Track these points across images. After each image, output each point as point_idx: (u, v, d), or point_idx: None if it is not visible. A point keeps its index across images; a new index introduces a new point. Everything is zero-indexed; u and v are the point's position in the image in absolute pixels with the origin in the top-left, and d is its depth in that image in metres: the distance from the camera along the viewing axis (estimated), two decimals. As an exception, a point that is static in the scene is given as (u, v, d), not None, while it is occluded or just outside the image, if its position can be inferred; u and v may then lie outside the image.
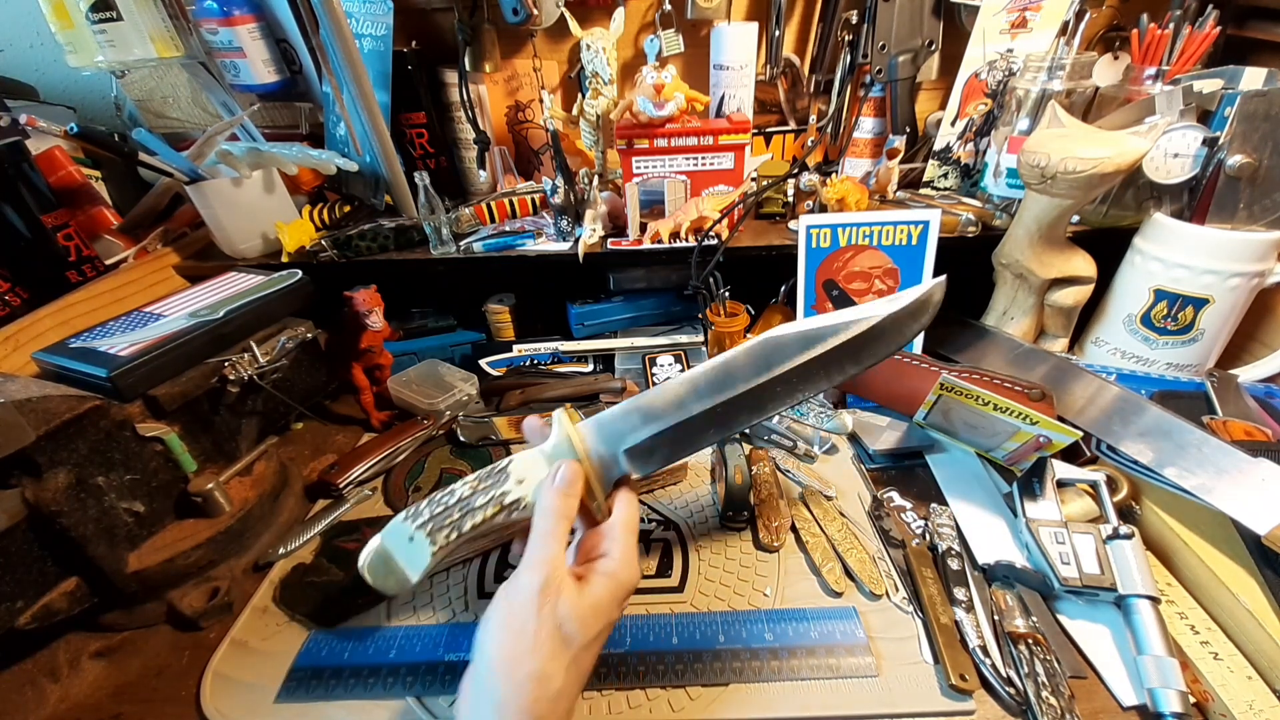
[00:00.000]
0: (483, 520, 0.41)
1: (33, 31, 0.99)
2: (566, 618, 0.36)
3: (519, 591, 0.37)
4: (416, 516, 0.42)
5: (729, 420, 0.42)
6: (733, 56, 0.85)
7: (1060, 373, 0.69)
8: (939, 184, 0.90)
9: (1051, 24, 0.80)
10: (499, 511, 0.41)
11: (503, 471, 0.42)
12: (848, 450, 0.71)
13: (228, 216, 0.79)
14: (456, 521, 0.41)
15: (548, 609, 0.36)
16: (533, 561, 0.37)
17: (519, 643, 0.35)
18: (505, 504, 0.41)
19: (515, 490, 0.42)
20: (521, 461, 0.43)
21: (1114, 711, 0.45)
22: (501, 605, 0.37)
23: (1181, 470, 0.54)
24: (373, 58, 0.81)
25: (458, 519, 0.41)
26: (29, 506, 0.48)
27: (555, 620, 0.36)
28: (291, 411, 0.74)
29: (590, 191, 0.81)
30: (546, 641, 0.35)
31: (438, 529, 0.41)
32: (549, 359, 0.87)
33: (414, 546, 0.41)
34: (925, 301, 0.42)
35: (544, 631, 0.35)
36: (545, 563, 0.37)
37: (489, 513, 0.41)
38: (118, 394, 0.53)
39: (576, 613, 0.36)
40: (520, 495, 0.41)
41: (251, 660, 0.51)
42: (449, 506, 0.42)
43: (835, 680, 0.47)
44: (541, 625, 0.35)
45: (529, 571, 0.37)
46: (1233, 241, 0.65)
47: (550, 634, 0.35)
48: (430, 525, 0.41)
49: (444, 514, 0.41)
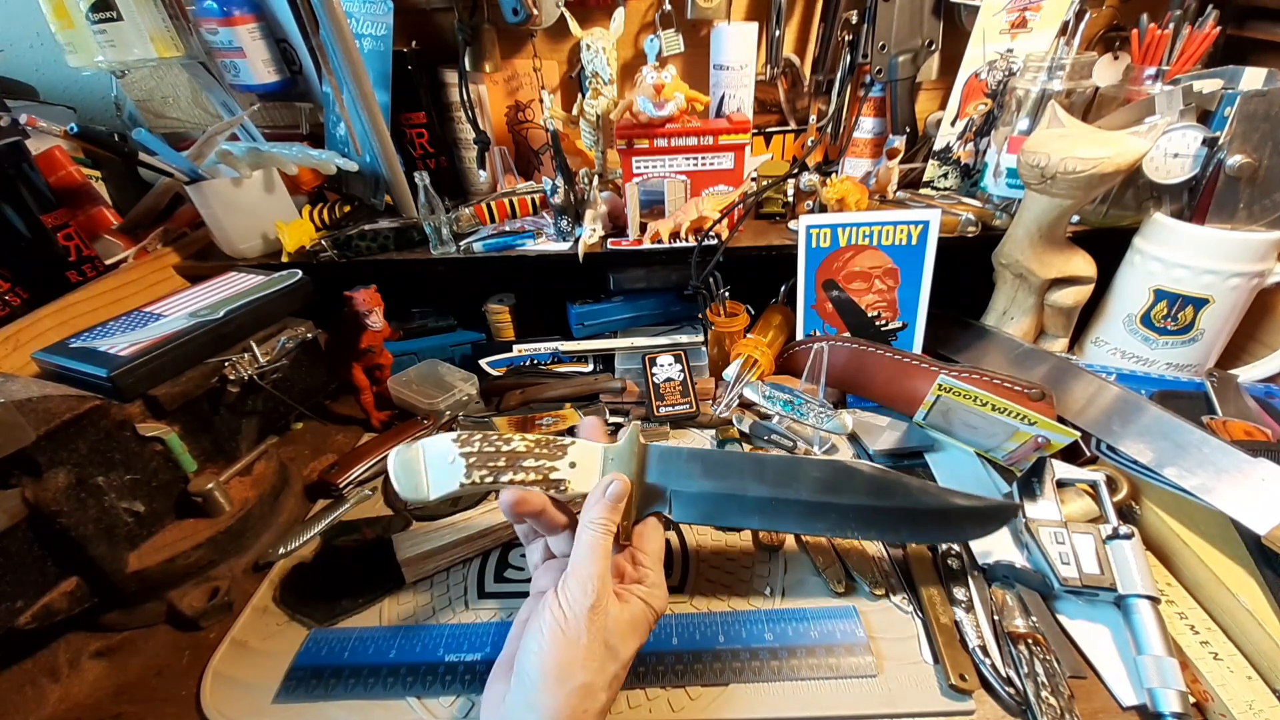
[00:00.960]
0: (520, 481, 0.42)
1: (33, 31, 0.99)
2: (613, 632, 0.36)
3: (572, 604, 0.36)
4: (467, 444, 0.42)
5: (776, 517, 0.44)
6: (733, 56, 0.85)
7: (1060, 373, 0.69)
8: (939, 184, 0.90)
9: (1051, 24, 0.80)
10: (540, 482, 0.42)
11: (562, 448, 0.43)
12: (848, 450, 0.71)
13: (228, 216, 0.79)
14: (498, 469, 0.42)
15: (599, 623, 0.36)
16: (584, 575, 0.37)
17: (572, 654, 0.35)
18: (550, 479, 0.42)
19: (565, 471, 0.42)
20: (582, 448, 0.43)
21: (1113, 711, 0.45)
22: (554, 615, 0.37)
23: (1181, 470, 0.54)
24: (373, 58, 0.81)
25: (500, 467, 0.42)
26: (29, 506, 0.48)
27: (604, 635, 0.36)
28: (291, 411, 0.74)
29: (590, 191, 0.81)
30: (597, 655, 0.35)
31: (478, 466, 0.41)
32: (549, 359, 0.87)
33: (449, 468, 0.42)
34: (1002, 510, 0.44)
35: (596, 645, 0.35)
36: (597, 577, 0.37)
37: (530, 478, 0.42)
38: (118, 394, 0.53)
39: (620, 628, 0.37)
40: (566, 477, 0.42)
41: (251, 660, 0.51)
42: (499, 451, 0.42)
43: (835, 680, 0.47)
44: (594, 639, 0.35)
45: (579, 585, 0.37)
46: (1233, 241, 0.65)
47: (600, 648, 0.35)
48: (473, 459, 0.42)
49: (491, 456, 0.42)
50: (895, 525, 0.44)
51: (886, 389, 0.73)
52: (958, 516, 0.44)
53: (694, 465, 0.44)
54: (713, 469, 0.44)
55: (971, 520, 0.44)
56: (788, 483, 0.44)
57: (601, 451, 0.44)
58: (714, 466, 0.44)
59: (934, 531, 0.44)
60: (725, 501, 0.44)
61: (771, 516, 0.44)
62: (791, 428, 0.72)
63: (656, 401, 0.77)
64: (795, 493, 0.44)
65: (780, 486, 0.44)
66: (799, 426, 0.72)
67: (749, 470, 0.44)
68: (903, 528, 0.44)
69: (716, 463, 0.44)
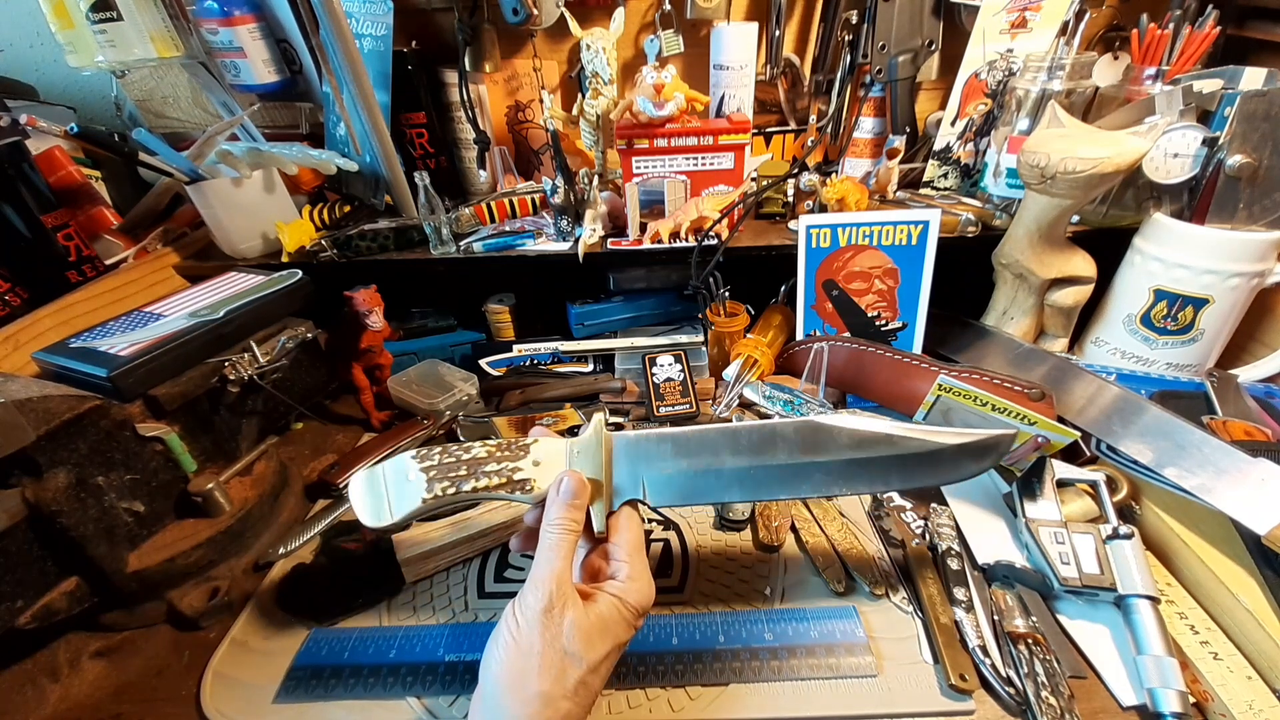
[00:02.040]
0: (484, 487, 0.40)
1: (33, 31, 0.99)
2: (571, 637, 0.35)
3: (524, 610, 0.36)
4: (425, 459, 0.41)
5: (757, 486, 0.42)
6: (733, 56, 0.85)
7: (1060, 373, 0.69)
8: (939, 184, 0.90)
9: (1051, 24, 0.80)
10: (504, 485, 0.40)
11: (524, 448, 0.41)
12: (848, 450, 0.71)
13: (228, 216, 0.79)
14: (459, 479, 0.40)
15: (553, 629, 0.35)
16: (537, 578, 0.37)
17: (525, 663, 0.34)
18: (514, 479, 0.40)
19: (529, 471, 0.40)
20: (546, 445, 0.42)
21: (1113, 711, 0.45)
22: (508, 624, 0.36)
23: (1181, 470, 0.54)
24: (373, 58, 0.81)
25: (462, 475, 0.40)
26: (29, 506, 0.48)
27: (561, 641, 0.35)
28: (291, 411, 0.74)
29: (590, 191, 0.81)
30: (553, 663, 0.34)
31: (438, 479, 0.40)
32: (549, 359, 0.87)
33: (410, 486, 0.40)
34: (994, 444, 0.41)
35: (550, 652, 0.34)
36: (549, 579, 0.36)
37: (494, 482, 0.40)
38: (118, 394, 0.53)
39: (581, 632, 0.35)
40: (531, 476, 0.40)
41: (251, 660, 0.51)
42: (460, 460, 0.40)
43: (835, 680, 0.47)
44: (547, 646, 0.34)
45: (534, 589, 0.36)
46: (1233, 241, 0.65)
47: (556, 655, 0.35)
48: (433, 472, 0.40)
49: (451, 466, 0.40)
50: (884, 475, 0.41)
51: (886, 389, 0.73)
52: (950, 455, 0.41)
53: (664, 446, 0.42)
54: (684, 448, 0.42)
55: (965, 456, 0.41)
56: (765, 449, 0.42)
57: (566, 447, 0.42)
58: (685, 445, 0.42)
59: (926, 475, 0.41)
60: (701, 478, 0.42)
61: (752, 486, 0.42)
62: (791, 428, 0.72)
63: (656, 401, 0.77)
64: (774, 458, 0.41)
65: (758, 454, 0.42)
66: (799, 426, 0.72)
67: (723, 443, 0.42)
68: (892, 476, 0.41)
69: (688, 440, 0.42)
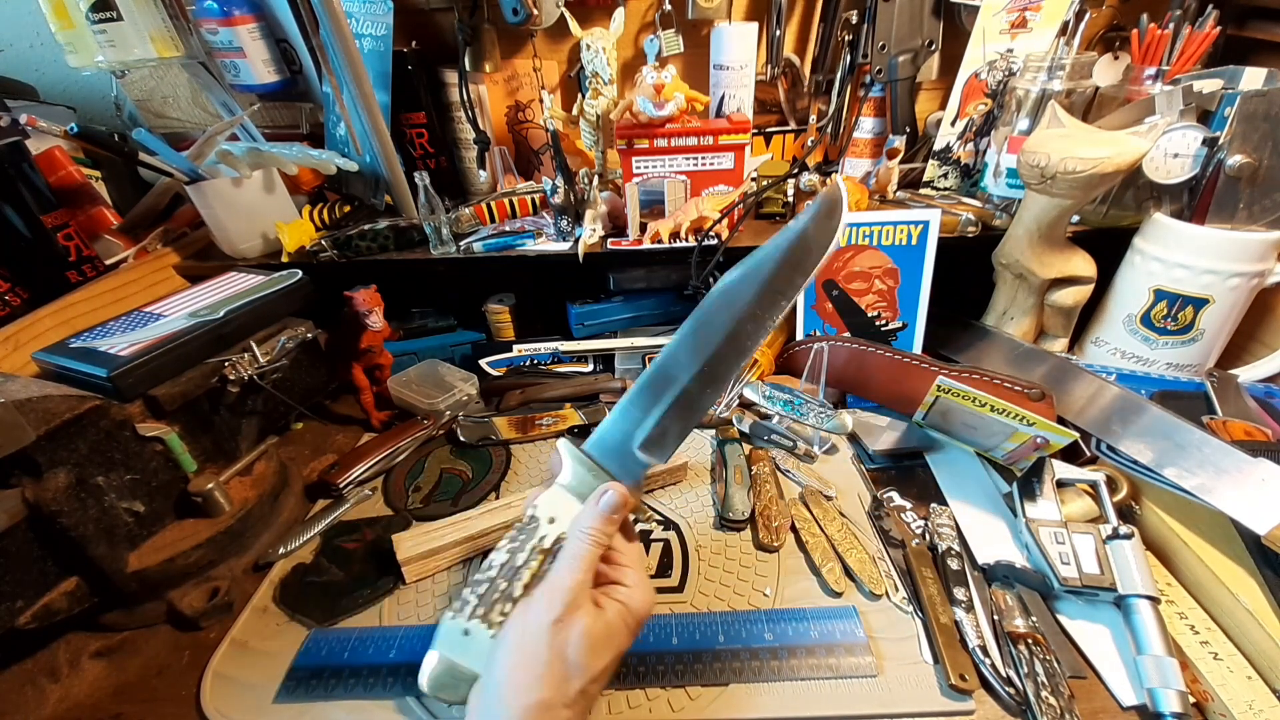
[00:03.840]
0: (531, 577, 0.39)
1: (33, 31, 0.99)
2: (578, 648, 0.35)
3: (535, 616, 0.36)
4: (463, 607, 0.38)
5: (719, 373, 0.42)
6: (733, 56, 0.85)
7: (1060, 373, 0.69)
8: (939, 184, 0.90)
9: (1051, 24, 0.80)
10: (544, 559, 0.39)
11: (532, 519, 0.41)
12: (847, 450, 0.71)
13: (228, 216, 0.79)
14: (506, 591, 0.38)
15: (560, 639, 0.35)
16: (557, 586, 0.36)
17: (529, 670, 0.34)
18: (547, 549, 0.39)
19: (551, 531, 0.40)
20: (546, 502, 0.41)
21: (1113, 711, 0.45)
22: (516, 627, 0.36)
23: (1181, 470, 0.54)
24: (373, 58, 0.81)
25: (506, 588, 0.38)
26: (29, 506, 0.48)
27: (567, 651, 0.35)
28: (291, 411, 0.74)
29: (590, 191, 0.81)
30: (557, 672, 0.34)
31: (489, 608, 0.38)
32: (549, 359, 0.87)
33: (471, 640, 0.37)
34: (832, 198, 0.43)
35: (556, 663, 0.34)
36: (569, 590, 0.36)
37: (534, 566, 0.39)
38: (118, 394, 0.53)
39: (588, 642, 0.35)
40: (559, 533, 0.40)
41: (251, 660, 0.51)
42: (493, 580, 0.39)
43: (835, 680, 0.47)
44: (555, 657, 0.34)
45: (549, 597, 0.36)
46: (1233, 241, 0.65)
47: (561, 665, 0.35)
48: (480, 608, 0.38)
49: (489, 590, 0.38)
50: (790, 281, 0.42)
51: (886, 389, 0.73)
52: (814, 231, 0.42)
53: (632, 413, 0.42)
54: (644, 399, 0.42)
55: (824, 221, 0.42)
56: (704, 343, 0.42)
57: (561, 489, 0.41)
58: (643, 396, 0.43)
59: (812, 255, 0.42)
60: (678, 407, 0.42)
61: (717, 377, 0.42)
62: (791, 428, 0.72)
63: (656, 401, 0.77)
64: (714, 343, 0.42)
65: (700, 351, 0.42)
66: (799, 426, 0.72)
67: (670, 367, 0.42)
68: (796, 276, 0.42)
69: (641, 392, 0.43)
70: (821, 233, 0.42)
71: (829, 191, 0.43)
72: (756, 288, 0.42)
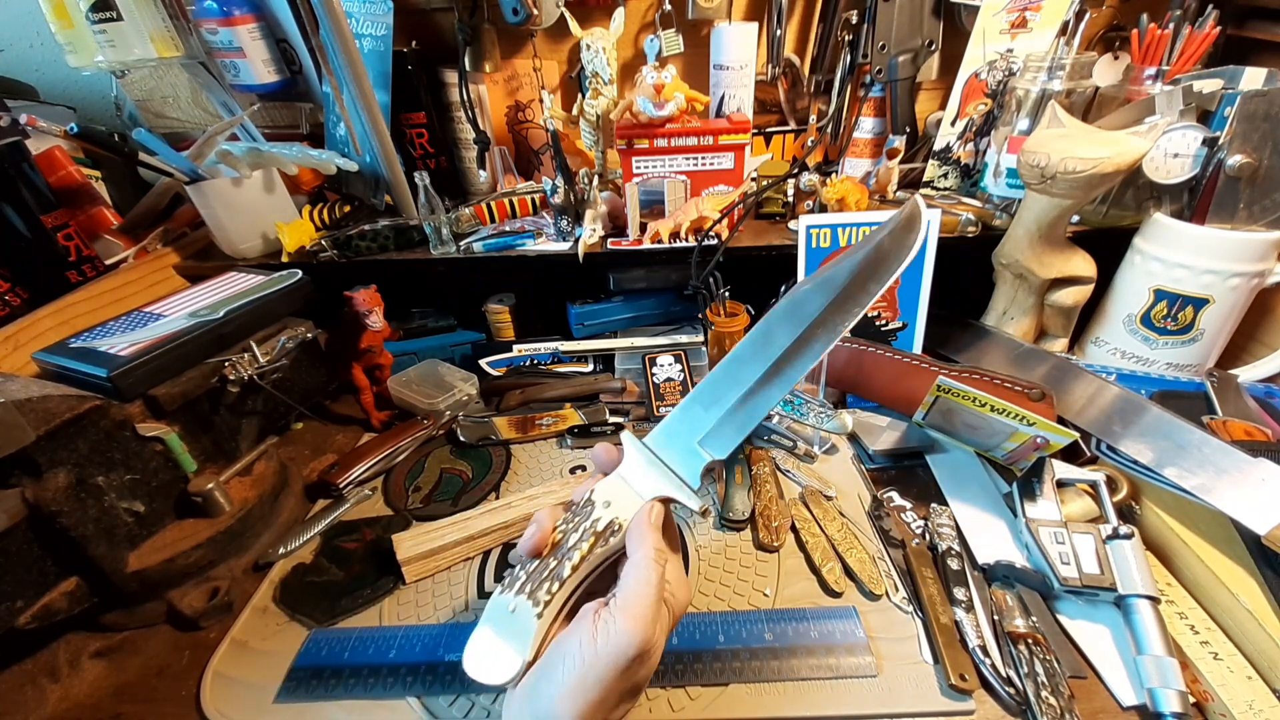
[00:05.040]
0: (581, 559, 0.38)
1: (33, 31, 0.99)
2: (637, 680, 0.35)
3: (611, 649, 0.33)
4: (512, 584, 0.38)
5: (783, 374, 0.43)
6: (733, 56, 0.85)
7: (1060, 373, 0.69)
8: (939, 184, 0.90)
9: (1051, 24, 0.80)
10: (595, 542, 0.39)
11: (588, 502, 0.40)
12: (848, 450, 0.71)
13: (228, 216, 0.79)
14: (555, 570, 0.38)
15: (629, 676, 0.34)
16: (639, 615, 0.34)
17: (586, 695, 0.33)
18: (599, 531, 0.39)
19: (605, 514, 0.39)
20: (604, 488, 0.41)
21: (1114, 711, 0.45)
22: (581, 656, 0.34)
23: (1181, 470, 0.54)
24: (373, 58, 0.81)
25: (555, 567, 0.38)
26: (29, 506, 0.48)
27: (627, 685, 0.34)
28: (291, 411, 0.74)
29: (590, 191, 0.81)
30: (612, 702, 0.34)
31: (537, 587, 0.37)
32: (549, 359, 0.87)
33: (517, 618, 0.37)
34: (912, 213, 0.44)
35: (615, 695, 0.34)
36: (652, 624, 0.35)
37: (585, 548, 0.38)
38: (118, 394, 0.53)
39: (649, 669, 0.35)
40: (613, 517, 0.39)
41: (251, 660, 0.51)
42: (543, 558, 0.39)
43: (835, 680, 0.47)
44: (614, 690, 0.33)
45: (630, 626, 0.34)
46: (1233, 241, 0.65)
47: (617, 696, 0.34)
48: (529, 585, 0.37)
49: (540, 567, 0.38)
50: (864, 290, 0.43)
51: (886, 389, 0.73)
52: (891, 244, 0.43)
53: (693, 410, 0.43)
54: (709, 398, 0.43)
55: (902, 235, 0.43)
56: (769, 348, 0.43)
57: (619, 478, 0.41)
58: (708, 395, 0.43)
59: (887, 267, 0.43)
60: (741, 408, 0.42)
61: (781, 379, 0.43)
62: (791, 428, 0.72)
63: (656, 401, 0.77)
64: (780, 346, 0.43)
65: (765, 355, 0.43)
66: (799, 426, 0.72)
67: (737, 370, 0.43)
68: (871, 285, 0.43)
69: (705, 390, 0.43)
70: (898, 245, 0.43)
71: (910, 207, 0.44)
72: (830, 295, 0.43)
